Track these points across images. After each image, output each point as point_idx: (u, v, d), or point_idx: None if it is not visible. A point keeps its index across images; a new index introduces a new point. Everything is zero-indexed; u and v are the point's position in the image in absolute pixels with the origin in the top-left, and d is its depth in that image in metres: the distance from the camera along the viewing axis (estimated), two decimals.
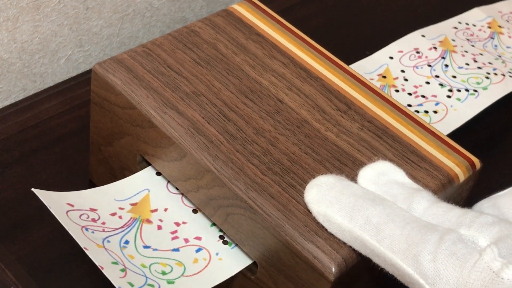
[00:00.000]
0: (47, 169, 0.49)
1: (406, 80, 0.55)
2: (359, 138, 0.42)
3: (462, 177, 0.41)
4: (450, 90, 0.55)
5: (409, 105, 0.53)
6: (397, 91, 0.54)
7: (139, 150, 0.43)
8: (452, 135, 0.51)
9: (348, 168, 0.40)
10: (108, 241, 0.39)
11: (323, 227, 0.36)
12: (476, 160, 0.42)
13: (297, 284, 0.37)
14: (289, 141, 0.41)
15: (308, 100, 0.43)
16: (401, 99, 0.53)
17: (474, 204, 0.38)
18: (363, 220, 0.34)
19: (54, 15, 0.55)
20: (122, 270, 0.37)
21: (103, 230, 0.39)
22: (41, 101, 0.53)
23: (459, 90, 0.55)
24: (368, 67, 0.55)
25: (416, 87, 0.55)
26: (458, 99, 0.54)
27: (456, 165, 0.42)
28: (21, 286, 0.43)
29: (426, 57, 0.57)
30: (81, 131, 0.52)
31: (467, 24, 0.61)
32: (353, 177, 0.38)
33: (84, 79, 0.55)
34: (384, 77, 0.55)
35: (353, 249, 0.36)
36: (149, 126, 0.41)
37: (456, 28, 0.60)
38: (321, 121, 0.42)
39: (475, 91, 0.55)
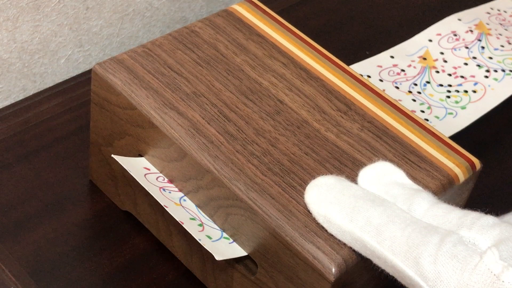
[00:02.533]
0: (47, 169, 0.49)
1: (445, 61, 0.58)
2: (359, 139, 0.42)
3: (462, 178, 0.41)
4: (487, 71, 0.58)
5: (450, 85, 0.56)
6: (437, 72, 0.57)
7: (139, 150, 0.43)
8: (452, 136, 0.51)
9: (348, 168, 0.40)
10: (184, 200, 0.42)
11: (323, 227, 0.37)
12: (476, 161, 0.42)
13: (297, 284, 0.37)
14: (289, 142, 0.41)
15: (308, 101, 0.43)
16: (442, 79, 0.56)
17: (506, 214, 0.37)
18: (364, 221, 0.34)
19: (54, 15, 0.55)
20: (200, 225, 0.40)
21: (179, 191, 0.42)
22: (41, 101, 0.53)
23: (495, 71, 0.58)
24: (408, 49, 0.59)
25: (455, 68, 0.58)
26: (495, 79, 0.57)
27: (456, 165, 0.41)
28: (21, 286, 0.43)
29: (463, 39, 0.60)
30: (81, 131, 0.52)
31: (498, 10, 0.65)
32: (353, 178, 0.38)
33: (84, 79, 0.55)
34: (425, 59, 0.58)
35: (353, 250, 0.36)
36: (149, 126, 0.41)
37: (489, 13, 0.64)
38: (321, 122, 0.42)
39: (511, 71, 0.58)
